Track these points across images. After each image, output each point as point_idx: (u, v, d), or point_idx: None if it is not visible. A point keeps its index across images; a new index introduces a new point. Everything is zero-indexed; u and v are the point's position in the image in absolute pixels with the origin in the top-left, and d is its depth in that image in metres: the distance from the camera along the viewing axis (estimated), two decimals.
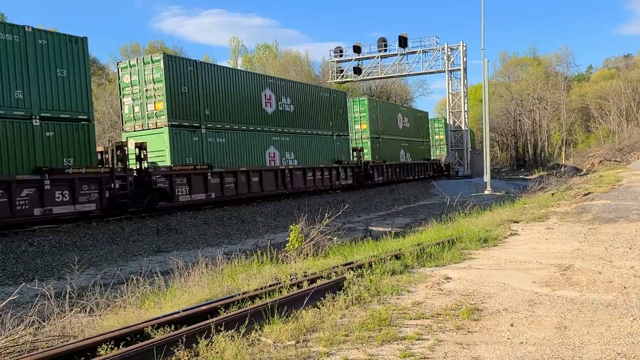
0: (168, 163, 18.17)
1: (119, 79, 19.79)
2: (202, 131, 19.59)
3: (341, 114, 29.86)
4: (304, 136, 25.91)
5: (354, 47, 47.47)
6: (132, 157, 17.55)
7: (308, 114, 26.39)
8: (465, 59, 43.61)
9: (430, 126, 48.31)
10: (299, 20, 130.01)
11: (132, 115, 19.19)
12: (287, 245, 10.34)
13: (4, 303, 6.03)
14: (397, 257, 8.68)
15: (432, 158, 46.43)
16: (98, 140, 22.25)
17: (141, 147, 17.41)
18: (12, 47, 13.54)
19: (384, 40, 46.44)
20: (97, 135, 38.51)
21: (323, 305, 6.13)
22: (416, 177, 40.63)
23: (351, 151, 30.96)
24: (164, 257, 12.86)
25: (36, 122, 13.97)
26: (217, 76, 20.65)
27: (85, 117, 15.27)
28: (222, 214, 19.42)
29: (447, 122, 46.09)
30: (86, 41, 15.37)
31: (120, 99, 19.82)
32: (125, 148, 16.78)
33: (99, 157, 16.50)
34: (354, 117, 33.39)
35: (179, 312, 5.70)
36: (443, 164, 46.10)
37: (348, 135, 30.74)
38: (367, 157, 32.55)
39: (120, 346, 4.83)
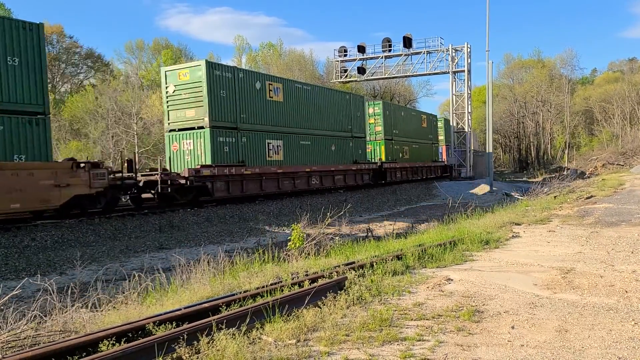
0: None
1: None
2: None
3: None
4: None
5: (358, 47, 47.45)
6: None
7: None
8: (469, 61, 43.51)
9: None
10: (304, 19, 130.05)
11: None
12: (289, 244, 10.36)
13: (7, 298, 6.06)
14: (398, 258, 8.69)
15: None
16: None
17: None
18: None
19: (388, 40, 46.40)
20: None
21: (324, 304, 6.14)
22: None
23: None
24: (165, 254, 12.89)
25: None
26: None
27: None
28: (225, 211, 19.44)
29: (451, 123, 46.02)
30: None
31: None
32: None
33: None
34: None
35: (180, 309, 5.71)
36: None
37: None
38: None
39: (122, 342, 4.85)
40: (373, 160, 33.12)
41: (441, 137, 48.29)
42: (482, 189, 35.61)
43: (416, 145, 40.20)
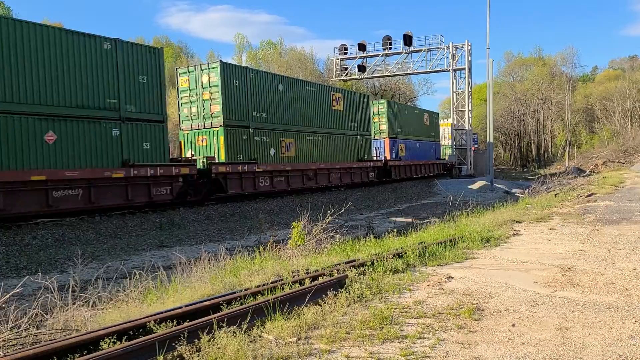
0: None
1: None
2: None
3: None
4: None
5: (358, 45, 47.45)
6: None
7: None
8: (470, 58, 43.51)
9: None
10: (305, 17, 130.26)
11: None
12: (289, 242, 10.36)
13: (8, 296, 6.06)
14: (399, 256, 8.68)
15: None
16: None
17: None
18: None
19: (389, 38, 46.41)
20: None
21: (325, 302, 6.14)
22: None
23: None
24: (166, 252, 12.90)
25: None
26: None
27: None
28: (225, 209, 19.45)
29: (451, 121, 45.98)
30: None
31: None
32: None
33: None
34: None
35: (181, 307, 5.72)
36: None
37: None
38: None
39: (123, 340, 4.85)
40: (192, 162, 18.81)
41: (383, 127, 34.74)
42: (483, 187, 35.61)
43: (315, 136, 26.14)
